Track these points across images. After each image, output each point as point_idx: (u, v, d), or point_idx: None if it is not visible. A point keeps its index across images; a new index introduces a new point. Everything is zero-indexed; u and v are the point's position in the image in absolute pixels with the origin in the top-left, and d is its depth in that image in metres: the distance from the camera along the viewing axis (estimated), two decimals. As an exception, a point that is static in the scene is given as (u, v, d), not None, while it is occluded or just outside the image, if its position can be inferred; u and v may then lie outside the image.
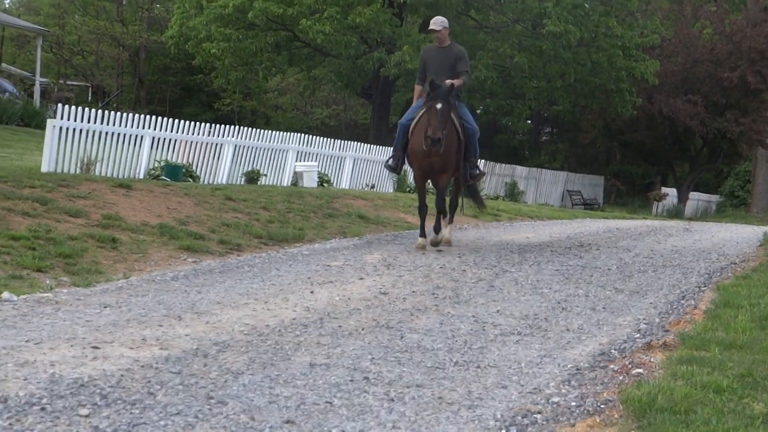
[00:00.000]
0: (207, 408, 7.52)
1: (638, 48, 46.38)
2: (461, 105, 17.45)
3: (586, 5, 46.31)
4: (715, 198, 59.38)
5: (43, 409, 7.24)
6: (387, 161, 18.47)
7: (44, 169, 22.10)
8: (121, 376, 8.18)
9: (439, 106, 15.75)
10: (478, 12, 47.58)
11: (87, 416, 7.16)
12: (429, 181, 18.13)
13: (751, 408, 7.55)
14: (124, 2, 73.64)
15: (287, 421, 7.30)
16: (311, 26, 43.17)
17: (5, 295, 11.52)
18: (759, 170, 55.88)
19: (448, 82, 16.35)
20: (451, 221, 18.30)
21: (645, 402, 7.62)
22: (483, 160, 39.68)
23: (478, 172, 17.87)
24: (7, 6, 71.02)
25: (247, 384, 8.21)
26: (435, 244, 17.32)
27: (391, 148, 18.86)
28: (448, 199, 18.13)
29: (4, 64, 59.61)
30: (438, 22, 17.37)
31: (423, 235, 16.98)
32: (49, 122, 23.36)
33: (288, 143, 31.39)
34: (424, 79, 17.27)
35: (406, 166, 19.03)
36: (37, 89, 48.86)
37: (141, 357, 8.85)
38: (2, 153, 29.33)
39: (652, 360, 9.39)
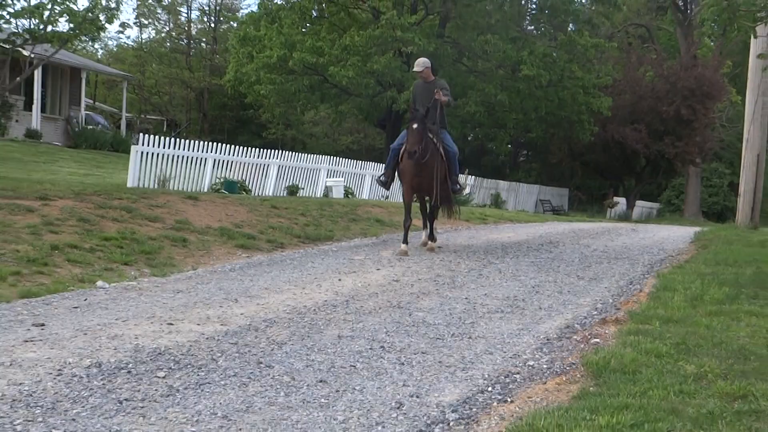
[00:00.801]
0: (257, 371, 7.57)
1: (595, 87, 46.42)
2: (444, 133, 16.62)
3: (554, 54, 46.44)
4: (656, 205, 59.33)
5: (129, 372, 7.29)
6: (379, 177, 17.78)
7: (129, 184, 22.15)
8: (190, 346, 8.23)
9: (415, 126, 15.40)
10: (468, 60, 47.53)
11: (163, 377, 7.21)
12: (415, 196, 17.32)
13: (684, 369, 7.55)
14: (191, 53, 73.76)
15: (320, 381, 7.35)
16: (338, 72, 43.35)
17: (99, 283, 11.58)
18: (690, 183, 55.95)
19: (436, 97, 15.95)
20: (431, 230, 17.38)
21: (601, 365, 7.64)
22: (473, 176, 39.78)
23: (459, 187, 17.24)
24: (99, 56, 71.02)
25: (288, 352, 8.25)
26: (431, 249, 16.61)
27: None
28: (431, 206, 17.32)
29: (97, 103, 59.70)
30: (420, 64, 16.82)
31: (405, 242, 16.00)
32: (133, 148, 23.41)
33: (320, 164, 31.44)
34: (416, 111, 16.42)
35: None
36: (123, 122, 48.91)
37: (206, 331, 8.89)
38: (97, 172, 29.39)
39: (606, 332, 9.41)
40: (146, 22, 74.61)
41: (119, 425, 6.06)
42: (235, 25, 68.54)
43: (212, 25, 75.15)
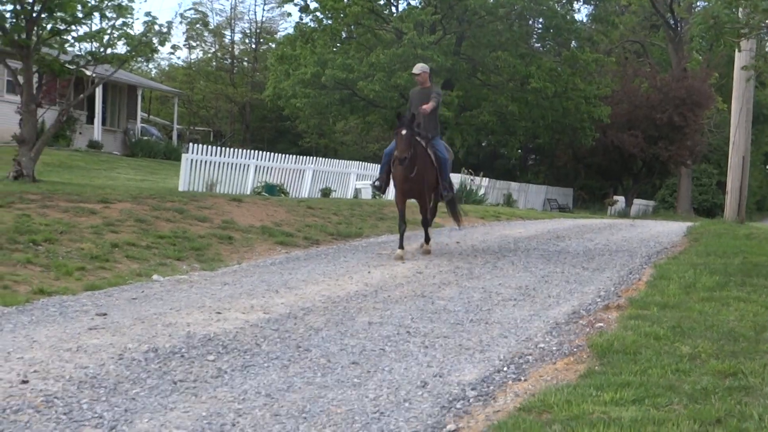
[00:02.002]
0: (297, 354, 7.57)
1: (595, 97, 46.45)
2: (437, 139, 15.27)
3: (559, 68, 46.52)
4: (651, 203, 59.05)
5: (182, 356, 7.30)
6: (374, 182, 16.53)
7: (181, 188, 22.21)
8: (236, 332, 8.23)
9: (403, 132, 13.95)
10: (482, 74, 47.56)
11: (213, 360, 7.22)
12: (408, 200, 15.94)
13: (679, 350, 7.52)
14: (234, 71, 73.92)
15: (353, 363, 7.35)
16: (366, 86, 43.48)
17: (155, 276, 11.61)
18: (682, 183, 55.79)
19: (425, 107, 14.64)
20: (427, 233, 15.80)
21: (605, 346, 7.62)
22: (487, 178, 39.73)
23: (447, 192, 15.51)
24: (153, 75, 71.29)
25: (324, 337, 8.24)
26: (427, 252, 15.25)
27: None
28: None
29: (151, 116, 59.91)
30: (419, 68, 15.53)
31: (401, 247, 14.56)
32: (184, 156, 23.47)
33: (350, 168, 31.50)
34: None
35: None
36: (174, 133, 49.07)
37: (250, 319, 8.89)
38: (151, 178, 29.50)
39: (609, 317, 9.36)
40: (194, 44, 74.85)
41: (174, 403, 6.07)
42: (273, 45, 68.54)
43: (253, 45, 75.34)
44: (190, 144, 25.10)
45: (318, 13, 48.17)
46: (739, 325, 8.63)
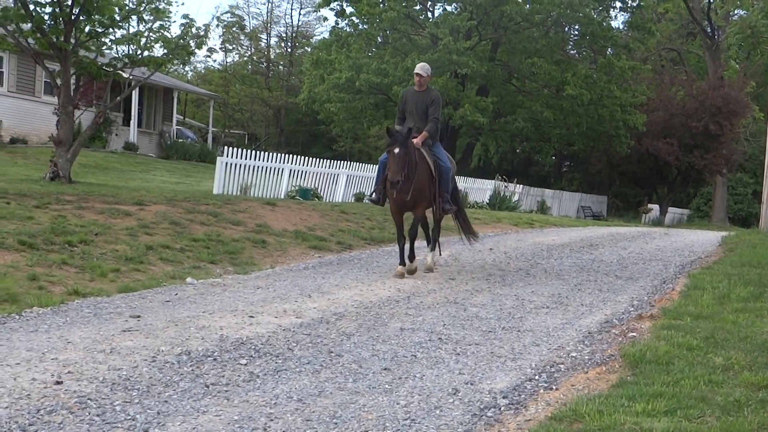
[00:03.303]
0: (328, 359, 7.58)
1: (631, 105, 46.27)
2: (437, 145, 13.87)
3: (594, 75, 46.45)
4: (686, 211, 58.63)
5: (215, 359, 7.33)
6: (371, 195, 14.69)
7: (215, 191, 22.29)
8: (269, 336, 8.25)
9: (397, 150, 12.45)
10: (517, 80, 47.57)
11: (245, 364, 7.24)
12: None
13: (713, 361, 7.46)
14: (270, 75, 74.14)
15: (384, 369, 7.34)
16: (400, 91, 43.38)
17: (189, 279, 11.66)
18: (717, 192, 55.35)
19: (416, 140, 12.98)
20: (433, 249, 14.20)
21: (637, 356, 7.55)
22: (521, 185, 39.63)
23: (449, 206, 13.64)
24: (189, 78, 71.60)
25: (356, 342, 8.25)
26: (411, 272, 13.19)
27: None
28: (430, 228, 14.43)
29: (187, 119, 60.17)
30: (424, 68, 13.91)
31: (403, 263, 13.09)
32: (219, 159, 23.55)
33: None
34: (403, 119, 13.83)
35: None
36: (209, 136, 49.28)
37: (283, 323, 8.91)
38: (186, 180, 29.62)
39: (642, 326, 9.29)
40: (231, 47, 75.24)
41: (206, 407, 6.09)
42: (309, 49, 68.67)
43: (289, 50, 75.58)
44: (225, 147, 25.20)
45: (354, 18, 48.35)
46: (774, 337, 8.55)
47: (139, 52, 21.26)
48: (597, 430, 5.61)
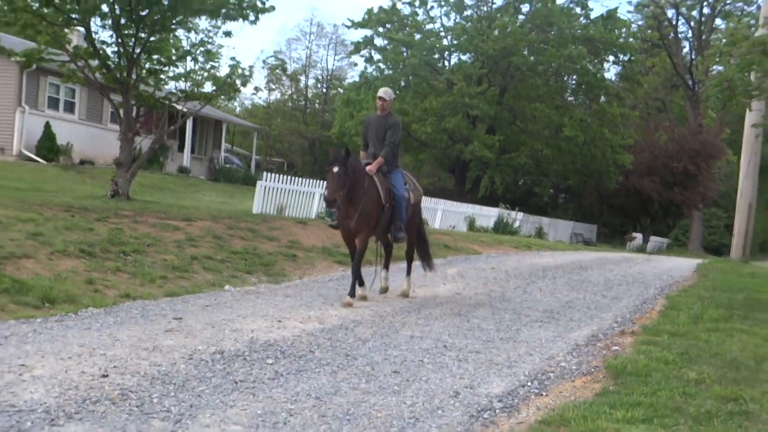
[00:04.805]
0: (345, 361, 7.46)
1: (620, 146, 46.33)
2: (396, 172, 11.89)
3: (588, 120, 46.61)
4: (665, 240, 58.21)
5: (244, 359, 7.22)
6: (330, 223, 12.76)
7: (254, 211, 22.20)
8: (294, 339, 8.15)
9: (335, 170, 10.66)
10: (521, 122, 47.60)
11: (271, 364, 7.13)
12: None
13: (687, 374, 7.32)
14: (307, 111, 74.34)
15: (395, 371, 7.22)
16: (419, 129, 43.85)
17: (227, 287, 11.58)
18: (693, 224, 55.22)
19: (370, 168, 11.42)
20: (408, 273, 12.63)
21: (619, 368, 7.43)
22: (522, 213, 39.46)
23: (402, 234, 11.80)
24: (237, 111, 71.89)
25: (370, 347, 8.13)
26: (362, 298, 11.42)
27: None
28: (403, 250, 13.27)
29: (234, 147, 60.34)
30: (387, 93, 12.10)
31: (362, 285, 11.57)
32: (259, 183, 23.49)
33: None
34: (367, 145, 12.29)
35: None
36: (252, 163, 49.28)
37: (306, 328, 8.81)
38: (230, 200, 29.60)
39: (624, 341, 9.15)
40: (274, 87, 75.38)
41: (234, 401, 5.97)
42: (341, 90, 68.83)
43: (324, 90, 75.67)
44: (265, 173, 25.14)
45: (380, 64, 48.87)
46: (741, 355, 8.40)
47: (192, 87, 21.32)
48: (581, 433, 5.47)
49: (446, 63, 49.30)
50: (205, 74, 21.06)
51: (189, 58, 20.64)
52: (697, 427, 5.71)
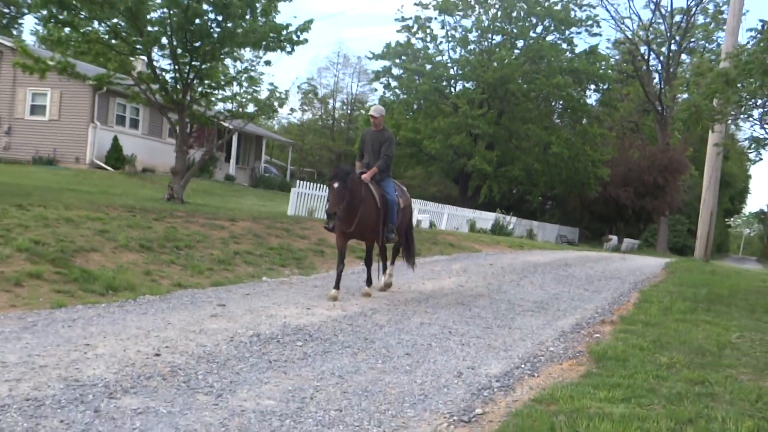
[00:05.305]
0: (364, 344, 7.32)
1: (599, 161, 46.31)
2: (387, 180, 11.23)
3: (572, 139, 46.47)
4: (637, 242, 57.66)
5: (278, 341, 7.09)
6: (326, 225, 10.95)
7: (289, 213, 22.08)
8: (320, 324, 8.02)
9: (336, 185, 10.16)
10: (515, 140, 47.36)
11: (301, 346, 7.00)
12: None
13: (659, 359, 7.14)
14: (334, 129, 74.31)
15: (406, 353, 7.08)
16: (429, 145, 43.88)
17: (264, 278, 11.46)
18: (661, 228, 54.87)
19: (364, 176, 10.85)
20: (392, 263, 11.94)
21: (601, 353, 7.28)
22: (515, 218, 39.23)
23: (393, 236, 11.13)
24: (275, 129, 71.91)
25: (386, 332, 7.99)
26: (366, 295, 10.68)
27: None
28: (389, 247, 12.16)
29: (273, 159, 60.34)
30: (377, 110, 11.50)
31: (337, 287, 10.23)
32: (293, 189, 23.40)
33: (414, 204, 31.18)
34: (363, 156, 11.72)
35: None
36: (288, 172, 49.21)
37: (331, 315, 8.68)
38: (269, 204, 29.46)
39: (604, 330, 8.99)
40: (306, 108, 75.49)
41: (268, 378, 5.85)
42: (363, 111, 68.66)
43: (349, 111, 75.53)
44: (298, 180, 25.01)
45: (397, 90, 48.89)
46: (706, 342, 8.21)
47: (237, 108, 21.29)
48: (568, 411, 5.31)
49: (452, 89, 49.11)
50: (248, 97, 21.01)
51: (235, 83, 20.57)
52: (669, 407, 5.54)
